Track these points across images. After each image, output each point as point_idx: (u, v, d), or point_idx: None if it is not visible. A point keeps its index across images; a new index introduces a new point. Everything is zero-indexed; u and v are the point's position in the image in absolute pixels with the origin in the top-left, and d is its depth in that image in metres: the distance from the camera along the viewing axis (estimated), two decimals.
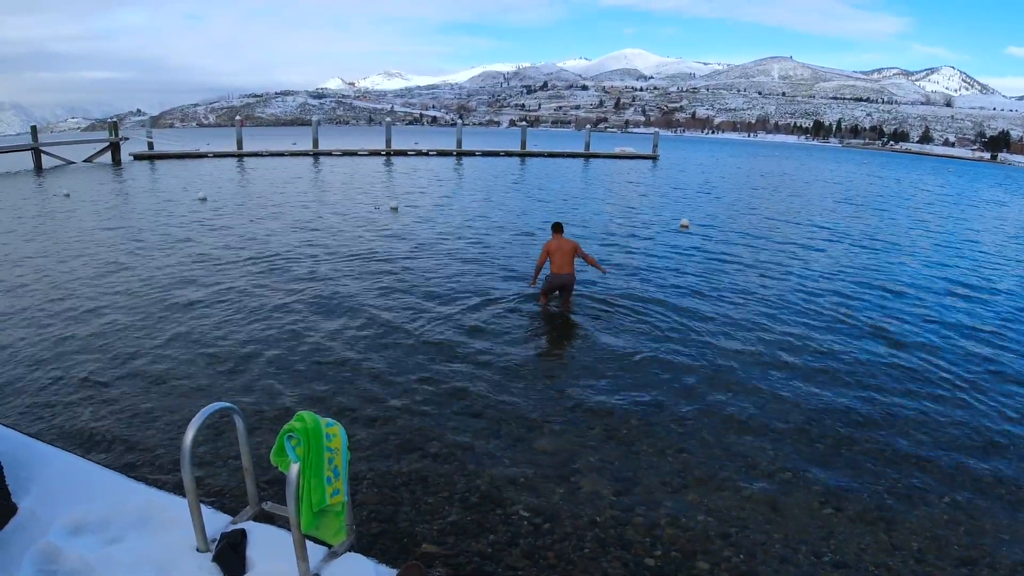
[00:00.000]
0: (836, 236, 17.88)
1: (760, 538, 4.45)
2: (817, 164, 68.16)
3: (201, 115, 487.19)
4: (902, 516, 4.77)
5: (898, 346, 8.56)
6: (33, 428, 5.68)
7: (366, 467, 5.19)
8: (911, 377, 7.49)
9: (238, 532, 3.14)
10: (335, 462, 2.92)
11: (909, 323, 9.62)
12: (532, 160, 50.29)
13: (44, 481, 3.58)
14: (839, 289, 11.49)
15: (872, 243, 16.96)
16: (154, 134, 49.59)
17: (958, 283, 12.52)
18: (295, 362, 7.46)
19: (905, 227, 20.65)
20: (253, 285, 10.77)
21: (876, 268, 13.61)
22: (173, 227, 16.72)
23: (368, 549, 3.80)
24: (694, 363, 7.66)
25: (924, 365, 7.88)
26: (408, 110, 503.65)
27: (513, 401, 6.54)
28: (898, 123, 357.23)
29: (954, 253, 16.12)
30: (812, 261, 14.09)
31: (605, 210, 21.78)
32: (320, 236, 15.55)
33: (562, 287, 9.62)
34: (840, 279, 12.34)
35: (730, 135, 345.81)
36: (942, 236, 19.07)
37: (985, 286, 12.44)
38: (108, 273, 11.57)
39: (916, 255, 15.48)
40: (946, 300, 11.13)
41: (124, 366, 7.28)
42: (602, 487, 5.02)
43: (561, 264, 9.41)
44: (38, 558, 3.12)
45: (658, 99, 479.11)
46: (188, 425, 2.91)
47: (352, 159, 46.87)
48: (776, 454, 5.62)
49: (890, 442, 5.90)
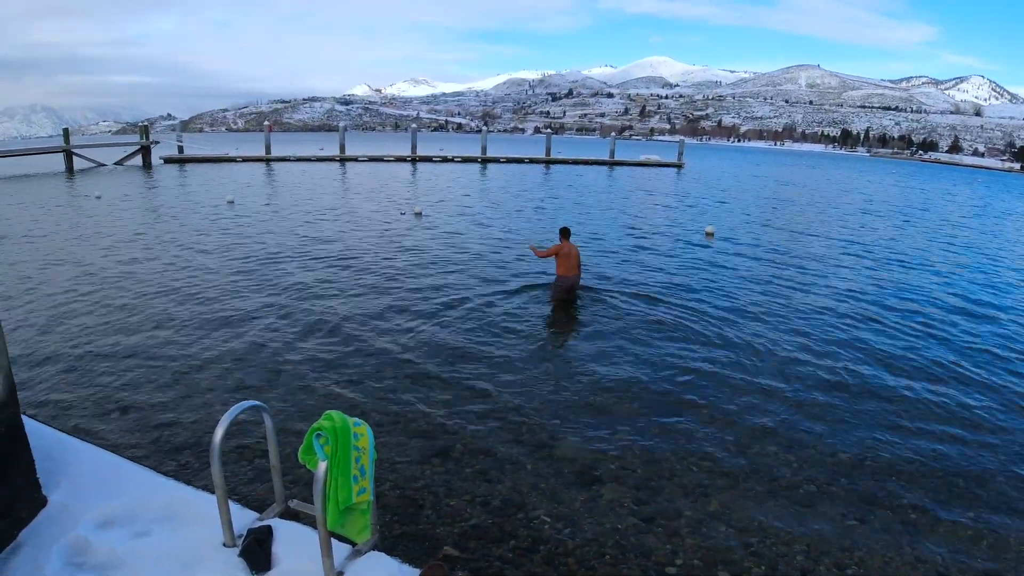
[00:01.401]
0: (864, 250, 17.65)
1: (782, 549, 4.41)
2: (844, 174, 67.32)
3: (230, 120, 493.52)
4: (927, 530, 4.70)
5: (928, 360, 8.43)
6: (66, 424, 5.79)
7: (390, 468, 5.23)
8: (937, 391, 7.37)
9: (264, 528, 3.19)
10: (362, 461, 2.96)
11: (931, 336, 9.48)
12: (556, 167, 50.31)
13: (75, 475, 3.67)
14: (867, 303, 11.34)
15: (900, 257, 16.72)
16: (184, 138, 50.46)
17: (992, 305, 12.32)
18: (323, 362, 7.54)
19: (939, 241, 20.34)
20: (281, 286, 10.89)
21: (906, 283, 13.42)
22: (204, 229, 16.96)
23: (391, 549, 3.83)
24: (718, 372, 7.61)
25: (950, 379, 7.76)
26: (434, 117, 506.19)
27: (535, 407, 6.54)
28: (927, 132, 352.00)
29: (983, 268, 15.85)
30: (838, 274, 13.91)
31: (629, 216, 21.71)
32: (347, 238, 15.69)
33: (571, 288, 10.32)
34: (869, 293, 12.19)
35: (756, 143, 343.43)
36: (973, 251, 18.75)
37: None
38: (139, 274, 11.77)
39: (938, 271, 15.24)
40: (974, 317, 10.95)
41: (156, 364, 7.40)
42: (623, 494, 5.01)
43: (569, 267, 10.15)
44: (67, 550, 3.20)
45: (683, 107, 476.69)
46: (218, 422, 2.97)
47: (378, 165, 47.22)
48: (800, 465, 5.56)
49: (916, 455, 5.82)
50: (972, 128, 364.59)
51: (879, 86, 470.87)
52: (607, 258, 14.27)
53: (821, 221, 23.42)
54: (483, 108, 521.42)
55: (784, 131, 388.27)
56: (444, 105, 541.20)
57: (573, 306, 10.05)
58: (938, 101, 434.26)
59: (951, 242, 19.76)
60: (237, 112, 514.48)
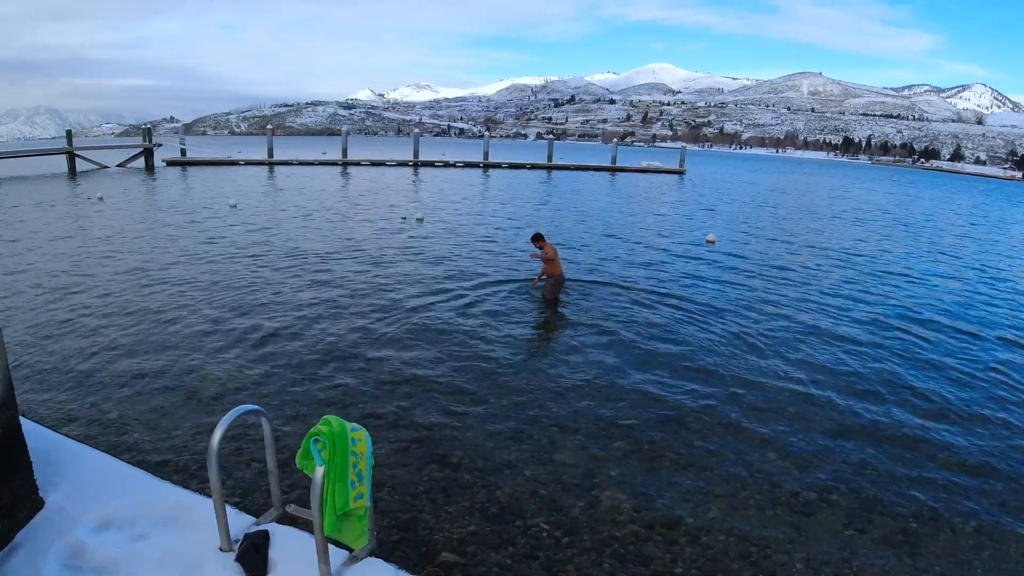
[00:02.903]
0: (869, 260, 17.64)
1: (782, 558, 4.39)
2: (846, 183, 67.33)
3: (233, 123, 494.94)
4: (927, 539, 4.68)
5: (928, 367, 8.41)
6: (64, 426, 5.79)
7: (388, 473, 5.21)
8: (939, 399, 7.35)
9: (261, 533, 3.18)
10: (359, 467, 2.95)
11: (939, 344, 9.46)
12: (558, 173, 50.38)
13: (73, 478, 3.66)
14: (869, 313, 11.33)
15: (899, 265, 16.71)
16: (187, 141, 50.58)
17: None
18: (321, 367, 7.53)
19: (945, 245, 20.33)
20: (281, 290, 10.90)
21: (910, 294, 13.41)
22: (205, 232, 16.98)
23: (388, 555, 3.82)
24: (718, 379, 7.59)
25: (952, 387, 7.74)
26: (436, 122, 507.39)
27: (535, 413, 6.53)
28: (929, 140, 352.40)
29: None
30: (844, 284, 13.90)
31: (632, 223, 21.72)
32: (349, 244, 15.71)
33: (561, 284, 11.09)
34: (874, 303, 12.18)
35: (758, 150, 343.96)
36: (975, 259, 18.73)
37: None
38: (140, 275, 11.78)
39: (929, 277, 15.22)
40: (979, 330, 10.94)
41: (154, 367, 7.40)
42: (623, 502, 4.99)
43: (556, 264, 10.96)
44: (64, 552, 3.19)
45: (686, 114, 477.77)
46: (216, 426, 2.96)
47: (380, 169, 47.30)
48: (800, 473, 5.54)
49: (916, 465, 5.79)
50: (974, 136, 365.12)
51: (881, 94, 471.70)
52: (609, 264, 14.27)
53: (829, 231, 23.41)
54: (485, 113, 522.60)
55: (786, 138, 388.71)
56: (447, 110, 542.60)
57: (571, 310, 10.07)
58: (940, 109, 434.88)
59: (956, 253, 19.74)
60: (240, 116, 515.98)
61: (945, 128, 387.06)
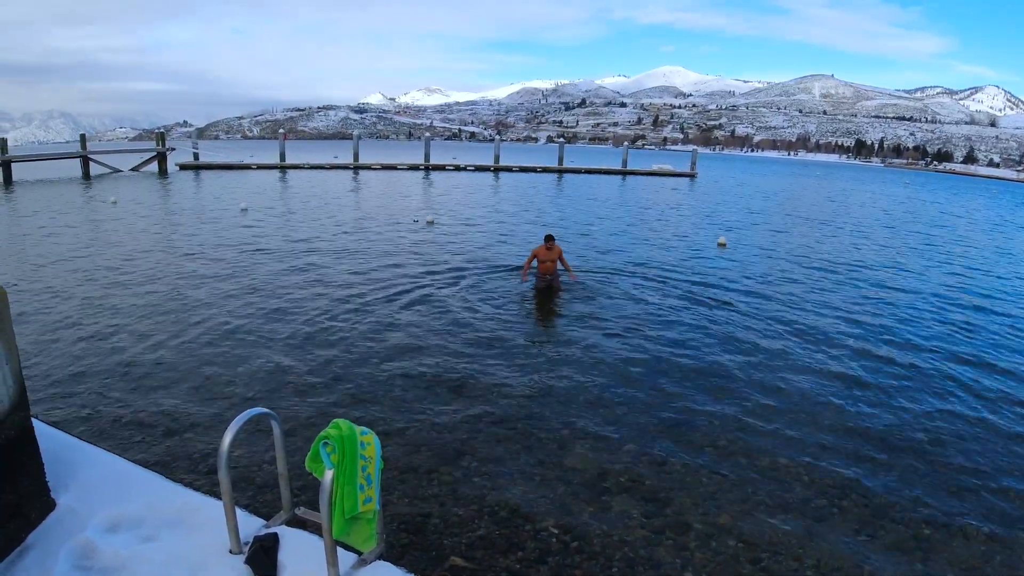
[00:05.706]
0: (880, 267, 17.53)
1: (792, 564, 4.36)
2: (858, 186, 66.88)
3: (246, 128, 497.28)
4: (939, 545, 4.64)
5: (940, 372, 8.34)
6: (75, 428, 5.83)
7: (397, 477, 5.22)
8: (951, 405, 7.28)
9: (271, 536, 3.18)
10: (368, 470, 2.95)
11: (948, 346, 9.37)
12: (569, 176, 50.36)
13: (84, 479, 3.68)
14: (879, 315, 11.24)
15: (913, 264, 16.58)
16: (200, 145, 51.02)
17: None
18: (331, 370, 7.56)
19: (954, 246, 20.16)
20: (291, 293, 10.95)
21: (920, 291, 13.30)
22: (217, 236, 17.09)
23: (397, 558, 3.82)
24: (729, 383, 7.56)
25: (968, 393, 7.67)
26: (447, 125, 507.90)
27: (544, 417, 6.52)
28: (942, 143, 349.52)
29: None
30: (854, 287, 13.79)
31: (642, 226, 21.68)
32: (360, 247, 15.77)
33: (550, 285, 11.75)
34: (885, 305, 12.09)
35: (770, 153, 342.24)
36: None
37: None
38: (153, 278, 11.88)
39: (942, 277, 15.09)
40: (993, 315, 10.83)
41: (166, 370, 7.45)
42: (632, 507, 4.97)
43: (547, 267, 11.74)
44: (75, 553, 3.20)
45: (697, 117, 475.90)
46: (226, 429, 2.97)
47: (391, 173, 47.44)
48: (811, 479, 5.50)
49: (929, 472, 5.74)
50: (987, 138, 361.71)
51: (893, 96, 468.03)
52: (619, 267, 14.22)
53: (839, 234, 23.27)
54: (496, 117, 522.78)
55: (798, 141, 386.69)
56: (457, 114, 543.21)
57: (579, 313, 10.08)
58: (953, 111, 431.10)
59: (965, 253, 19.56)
60: (252, 120, 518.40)
61: (958, 130, 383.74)
